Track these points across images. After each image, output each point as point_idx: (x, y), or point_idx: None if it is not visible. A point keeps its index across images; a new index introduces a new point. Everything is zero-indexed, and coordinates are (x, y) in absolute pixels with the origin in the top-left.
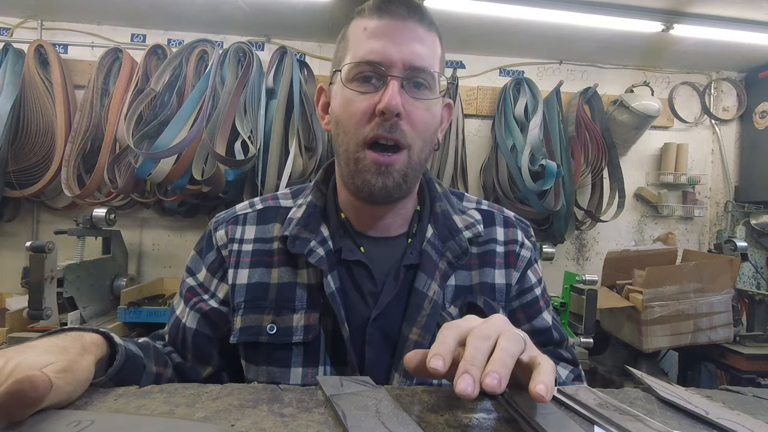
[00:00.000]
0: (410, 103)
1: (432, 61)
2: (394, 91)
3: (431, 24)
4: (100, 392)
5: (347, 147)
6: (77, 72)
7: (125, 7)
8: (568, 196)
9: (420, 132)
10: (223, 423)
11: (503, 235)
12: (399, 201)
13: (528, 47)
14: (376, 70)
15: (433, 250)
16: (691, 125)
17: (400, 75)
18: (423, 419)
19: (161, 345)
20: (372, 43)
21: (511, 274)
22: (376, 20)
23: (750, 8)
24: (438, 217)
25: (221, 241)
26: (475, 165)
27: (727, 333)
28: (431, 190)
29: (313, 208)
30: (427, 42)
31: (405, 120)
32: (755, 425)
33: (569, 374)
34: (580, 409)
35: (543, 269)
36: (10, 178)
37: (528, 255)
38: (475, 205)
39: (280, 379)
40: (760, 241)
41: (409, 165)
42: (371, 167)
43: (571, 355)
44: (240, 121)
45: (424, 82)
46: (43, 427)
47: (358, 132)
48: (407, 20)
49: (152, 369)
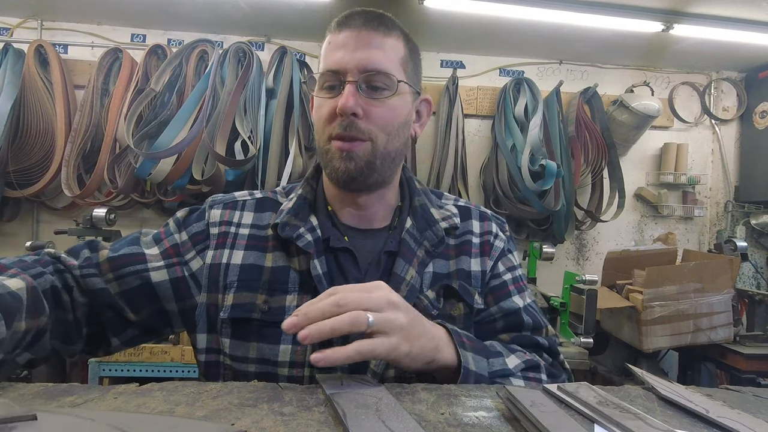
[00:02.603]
0: (368, 103)
1: (388, 63)
2: (347, 94)
3: (389, 29)
4: (99, 390)
5: (319, 143)
6: (77, 72)
7: (125, 7)
8: (568, 196)
9: (381, 126)
10: (224, 422)
11: (479, 228)
12: (375, 189)
13: (528, 47)
14: (336, 77)
15: (411, 239)
16: (691, 125)
17: (355, 79)
18: (423, 417)
19: (74, 264)
20: (333, 54)
21: (485, 262)
22: (337, 34)
23: (750, 8)
24: (416, 210)
25: (213, 219)
26: (475, 165)
27: (727, 333)
28: (411, 187)
29: (303, 200)
30: (384, 47)
31: (364, 118)
32: (755, 424)
33: (519, 363)
34: (580, 407)
35: (543, 269)
36: (10, 178)
37: (501, 246)
38: (453, 201)
39: (269, 356)
40: (760, 241)
41: (373, 154)
42: (336, 153)
43: (549, 343)
44: (240, 121)
45: (379, 83)
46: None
47: (325, 130)
48: (362, 30)
49: (20, 327)
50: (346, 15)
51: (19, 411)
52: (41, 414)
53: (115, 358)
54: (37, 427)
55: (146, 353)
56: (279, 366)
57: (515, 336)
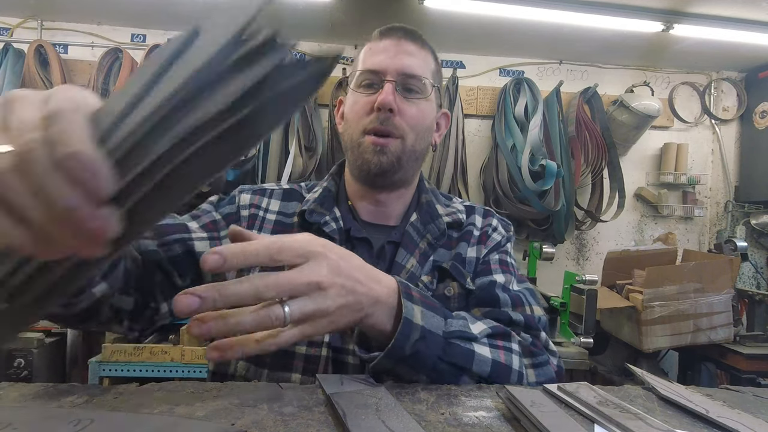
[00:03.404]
0: (403, 102)
1: (422, 70)
2: (387, 91)
3: (424, 44)
4: (99, 390)
5: (352, 136)
6: (77, 72)
7: (125, 7)
8: (568, 196)
9: (412, 126)
10: (224, 422)
11: (481, 222)
12: (397, 187)
13: (528, 47)
14: (376, 77)
15: (414, 231)
16: (691, 125)
17: (394, 79)
18: (423, 417)
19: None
20: (374, 57)
21: (481, 249)
22: (378, 42)
23: (750, 8)
24: (422, 206)
25: (243, 202)
26: (475, 165)
27: (727, 333)
28: (420, 185)
29: (328, 192)
30: (418, 56)
31: (398, 115)
32: (755, 424)
33: (486, 329)
34: (580, 407)
35: (543, 269)
36: None
37: (498, 239)
38: (460, 202)
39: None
40: (760, 241)
41: (403, 150)
42: (369, 147)
43: (525, 319)
44: None
45: (414, 86)
46: (43, 427)
47: (360, 123)
48: (402, 40)
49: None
50: (388, 27)
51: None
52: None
53: (115, 357)
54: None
55: (146, 353)
56: (296, 344)
57: (487, 311)
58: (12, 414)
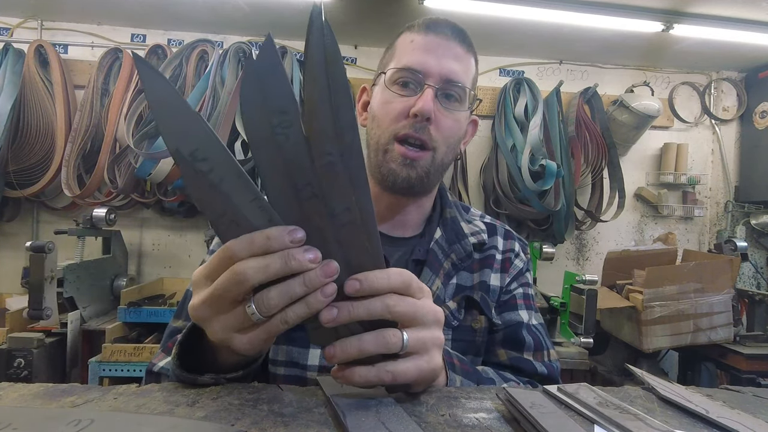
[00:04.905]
0: (440, 111)
1: (465, 78)
2: (428, 98)
3: (470, 47)
4: (99, 391)
5: (379, 139)
6: (77, 72)
7: (125, 7)
8: (568, 196)
9: (445, 138)
10: (224, 422)
11: (503, 245)
12: (418, 196)
13: (528, 47)
14: (415, 77)
15: (439, 250)
16: (691, 125)
17: (436, 85)
18: (423, 419)
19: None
20: (416, 54)
21: (504, 278)
22: (423, 35)
23: (750, 8)
24: (447, 222)
25: None
26: (475, 165)
27: (727, 333)
28: (443, 198)
29: None
30: (463, 61)
31: (434, 125)
32: (755, 424)
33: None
34: (580, 408)
35: (543, 269)
36: (10, 178)
37: (520, 266)
38: (480, 218)
39: (299, 359)
40: (760, 241)
41: (432, 164)
42: (398, 158)
43: (548, 371)
44: (240, 121)
45: (455, 94)
46: (43, 427)
47: (392, 128)
48: (450, 40)
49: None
50: (435, 20)
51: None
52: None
53: (115, 357)
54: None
55: (146, 353)
56: (308, 370)
57: (514, 358)
58: (12, 414)
